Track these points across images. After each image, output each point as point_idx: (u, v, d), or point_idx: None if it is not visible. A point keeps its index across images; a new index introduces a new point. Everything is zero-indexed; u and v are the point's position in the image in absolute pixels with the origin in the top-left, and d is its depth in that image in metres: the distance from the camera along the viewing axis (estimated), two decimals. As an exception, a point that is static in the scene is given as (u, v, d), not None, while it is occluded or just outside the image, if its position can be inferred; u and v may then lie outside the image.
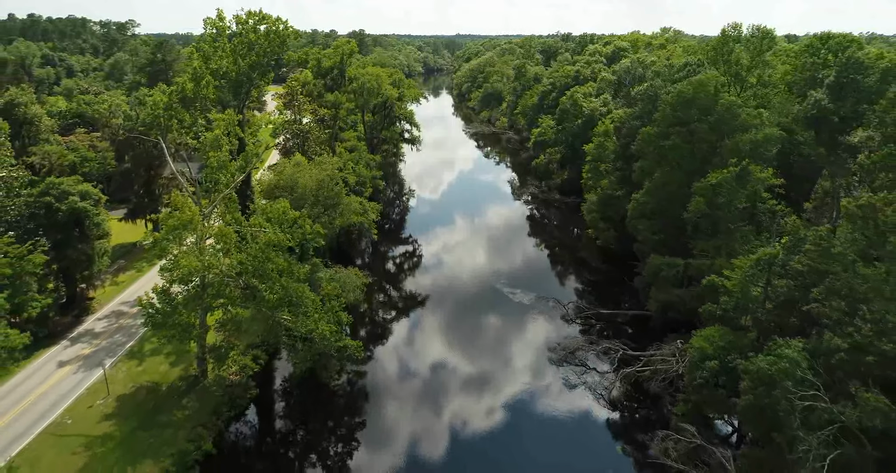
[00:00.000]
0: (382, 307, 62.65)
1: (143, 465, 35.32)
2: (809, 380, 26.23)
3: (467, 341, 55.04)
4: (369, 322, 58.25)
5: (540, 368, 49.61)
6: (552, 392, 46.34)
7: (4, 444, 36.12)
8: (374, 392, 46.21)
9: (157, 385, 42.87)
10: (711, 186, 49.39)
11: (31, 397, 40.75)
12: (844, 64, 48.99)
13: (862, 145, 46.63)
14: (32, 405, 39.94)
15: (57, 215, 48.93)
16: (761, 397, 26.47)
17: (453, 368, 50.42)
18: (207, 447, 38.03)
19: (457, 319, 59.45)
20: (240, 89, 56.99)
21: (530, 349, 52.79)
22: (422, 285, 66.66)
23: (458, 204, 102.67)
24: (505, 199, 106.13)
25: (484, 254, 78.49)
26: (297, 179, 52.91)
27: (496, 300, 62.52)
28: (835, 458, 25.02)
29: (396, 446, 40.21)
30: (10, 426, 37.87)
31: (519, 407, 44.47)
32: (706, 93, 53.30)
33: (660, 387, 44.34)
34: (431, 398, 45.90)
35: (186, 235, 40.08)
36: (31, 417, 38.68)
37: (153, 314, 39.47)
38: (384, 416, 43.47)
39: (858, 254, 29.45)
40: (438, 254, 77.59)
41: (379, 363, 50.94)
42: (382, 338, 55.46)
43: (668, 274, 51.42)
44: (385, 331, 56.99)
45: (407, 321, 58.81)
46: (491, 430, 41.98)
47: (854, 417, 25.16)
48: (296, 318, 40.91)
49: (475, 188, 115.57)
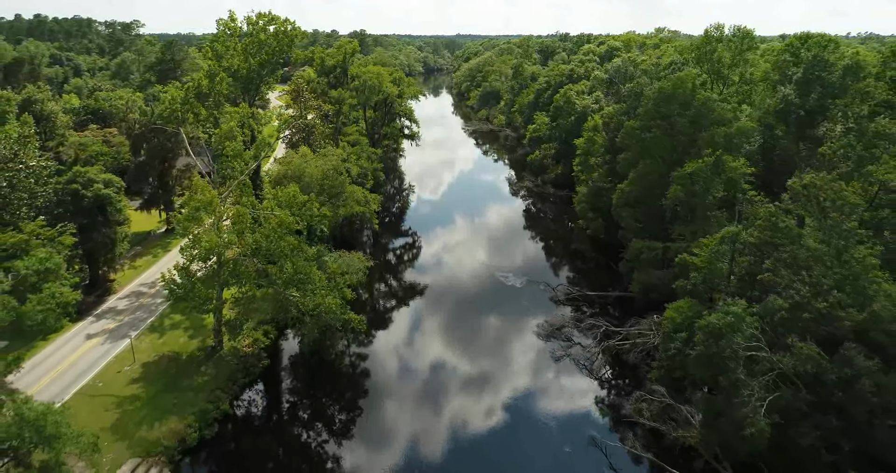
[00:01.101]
0: (383, 292, 66.70)
1: (168, 421, 39.32)
2: (753, 333, 30.21)
3: (462, 321, 59.05)
4: (370, 309, 62.15)
5: (528, 342, 53.64)
6: (539, 364, 50.39)
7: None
8: (375, 368, 50.14)
9: (178, 355, 46.92)
10: (688, 174, 53.32)
11: (63, 364, 44.75)
12: (811, 61, 52.92)
13: (825, 137, 50.60)
14: (65, 371, 43.94)
15: (83, 202, 52.99)
16: (711, 347, 30.42)
17: (448, 343, 54.46)
18: (225, 407, 42.09)
19: (453, 302, 63.40)
20: (250, 85, 61.02)
21: (520, 327, 56.80)
22: (421, 273, 70.68)
23: (456, 199, 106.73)
24: (501, 193, 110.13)
25: (480, 245, 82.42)
26: (304, 169, 56.92)
27: (490, 285, 66.54)
28: (773, 400, 28.98)
29: (394, 411, 44.25)
30: (47, 388, 41.85)
31: (507, 377, 48.53)
32: (684, 89, 57.24)
33: (638, 358, 48.36)
34: (427, 369, 49.98)
35: (205, 217, 44.15)
36: (65, 381, 42.68)
37: (175, 289, 43.60)
38: (383, 387, 47.47)
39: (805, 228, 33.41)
40: (437, 245, 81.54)
41: (379, 342, 54.89)
42: (383, 320, 59.49)
43: (648, 257, 55.42)
44: (386, 314, 61.05)
45: (406, 305, 62.78)
46: (479, 394, 46.00)
47: (790, 365, 29.13)
48: (304, 295, 44.89)
49: (473, 184, 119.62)
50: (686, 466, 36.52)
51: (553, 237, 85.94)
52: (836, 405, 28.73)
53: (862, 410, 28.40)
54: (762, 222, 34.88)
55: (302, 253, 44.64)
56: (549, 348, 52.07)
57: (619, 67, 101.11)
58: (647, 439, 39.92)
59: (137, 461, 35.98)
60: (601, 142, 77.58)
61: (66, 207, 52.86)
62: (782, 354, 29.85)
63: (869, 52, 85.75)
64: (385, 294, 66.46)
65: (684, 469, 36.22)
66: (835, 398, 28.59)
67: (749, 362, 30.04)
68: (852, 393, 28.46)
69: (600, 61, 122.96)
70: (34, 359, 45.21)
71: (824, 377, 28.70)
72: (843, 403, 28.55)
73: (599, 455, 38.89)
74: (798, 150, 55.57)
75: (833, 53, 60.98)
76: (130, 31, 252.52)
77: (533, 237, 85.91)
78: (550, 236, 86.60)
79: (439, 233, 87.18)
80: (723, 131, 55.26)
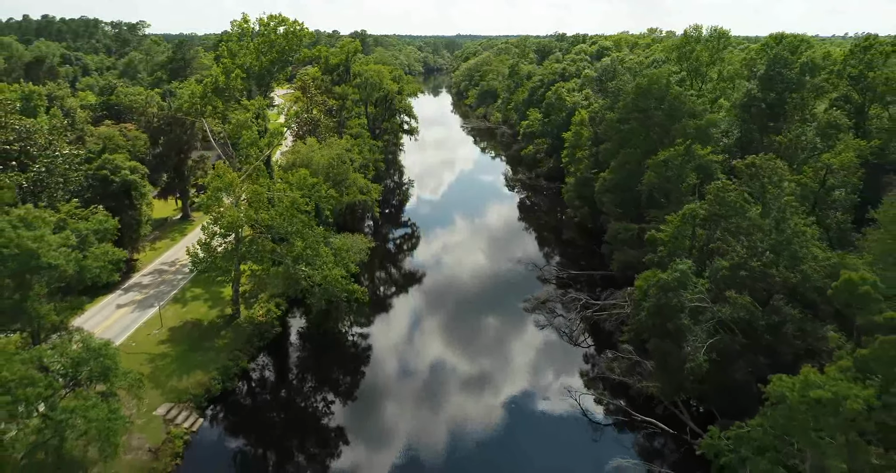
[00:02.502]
0: (383, 275, 72.09)
1: (195, 375, 44.71)
2: (698, 288, 35.51)
3: (455, 299, 64.39)
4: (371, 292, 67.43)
5: (515, 314, 59.00)
6: (524, 332, 55.78)
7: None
8: (374, 339, 55.37)
9: (200, 322, 52.30)
10: (662, 161, 58.62)
11: (98, 328, 50.05)
12: (772, 59, 58.23)
13: (783, 128, 55.95)
14: (101, 334, 48.92)
15: (111, 186, 58.36)
16: (661, 299, 35.68)
17: (441, 316, 59.92)
18: (244, 364, 47.55)
19: (448, 284, 68.66)
20: (262, 81, 66.33)
21: (509, 302, 62.11)
22: (418, 259, 76.11)
23: (454, 192, 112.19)
24: (497, 186, 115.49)
25: (476, 234, 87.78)
26: (311, 157, 62.27)
27: (484, 269, 72.08)
28: (713, 343, 34.32)
29: (390, 374, 49.65)
30: (86, 348, 47.19)
31: (494, 343, 54.00)
32: (659, 85, 62.55)
33: (613, 325, 53.64)
34: (421, 338, 55.41)
35: (225, 199, 49.51)
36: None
37: (198, 262, 49.03)
38: (381, 354, 52.87)
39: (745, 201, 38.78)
40: (434, 234, 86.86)
41: (379, 318, 60.30)
42: (382, 300, 64.88)
43: (625, 237, 60.75)
44: (385, 294, 66.45)
45: (404, 285, 68.17)
46: (466, 358, 51.42)
47: (728, 313, 34.47)
48: (313, 269, 50.17)
49: (470, 178, 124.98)
50: (649, 411, 41.84)
51: (544, 226, 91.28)
52: (766, 347, 34.03)
53: (787, 351, 33.73)
54: (711, 196, 40.21)
55: (311, 230, 49.98)
56: (535, 319, 57.44)
57: (608, 65, 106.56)
58: (616, 391, 45.27)
59: (170, 405, 41.40)
60: (587, 135, 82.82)
61: (97, 191, 58.20)
62: (722, 305, 35.20)
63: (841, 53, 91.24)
64: (384, 277, 71.81)
65: (647, 413, 41.57)
66: (764, 341, 33.89)
67: (694, 312, 35.37)
68: (779, 337, 33.79)
69: (591, 60, 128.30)
70: (72, 325, 50.52)
71: (756, 323, 34.04)
72: (771, 345, 33.86)
73: (574, 403, 44.22)
74: (761, 139, 60.93)
75: (805, 53, 66.69)
76: (136, 32, 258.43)
77: (526, 227, 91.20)
78: (542, 224, 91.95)
79: (437, 223, 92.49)
80: (694, 123, 60.61)
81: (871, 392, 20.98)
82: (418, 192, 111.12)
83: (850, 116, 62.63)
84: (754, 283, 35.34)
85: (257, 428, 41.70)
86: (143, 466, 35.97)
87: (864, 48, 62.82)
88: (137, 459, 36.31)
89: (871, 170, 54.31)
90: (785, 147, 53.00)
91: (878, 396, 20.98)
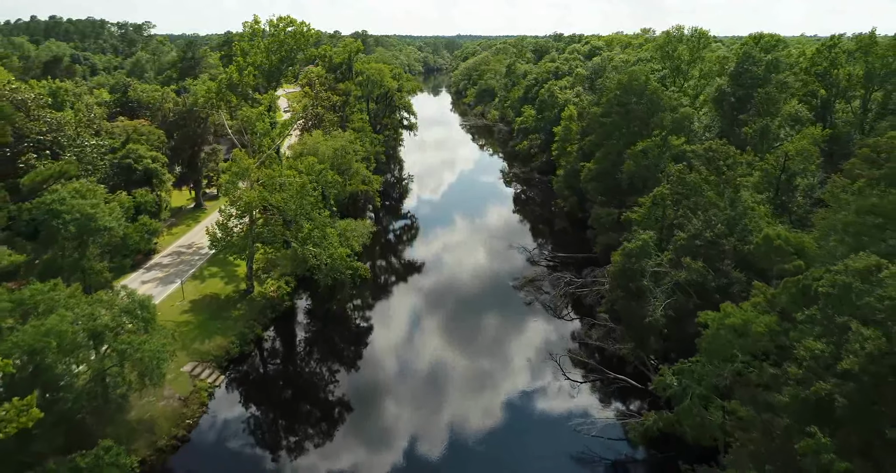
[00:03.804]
0: (384, 260, 77.32)
1: (215, 339, 49.95)
2: (662, 257, 40.66)
3: (451, 280, 69.65)
4: (373, 274, 72.77)
5: (505, 291, 64.25)
6: (513, 306, 61.02)
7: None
8: (374, 316, 60.68)
9: (218, 295, 57.54)
10: (640, 151, 63.85)
11: (126, 301, 55.30)
12: (741, 57, 63.41)
13: (749, 120, 61.10)
14: (129, 305, 54.51)
15: (134, 174, 63.62)
16: (626, 263, 40.84)
17: (436, 294, 65.17)
18: (258, 331, 52.83)
19: (444, 268, 73.93)
20: (272, 77, 71.59)
21: (500, 281, 67.37)
22: (417, 246, 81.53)
23: (452, 186, 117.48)
24: (492, 180, 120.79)
25: (471, 224, 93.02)
26: (317, 147, 67.45)
27: (478, 253, 77.32)
28: (671, 302, 39.50)
29: (391, 348, 54.92)
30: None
31: (485, 315, 59.26)
32: (638, 81, 67.75)
33: (593, 300, 58.73)
34: (417, 313, 60.69)
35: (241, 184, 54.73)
36: (130, 312, 53.26)
37: (216, 241, 54.25)
38: (382, 328, 58.16)
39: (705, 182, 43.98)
40: (432, 225, 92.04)
41: (379, 300, 65.59)
42: (384, 282, 70.10)
43: (607, 221, 65.96)
44: (386, 277, 71.68)
45: (404, 270, 73.49)
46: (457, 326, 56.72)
47: (684, 277, 39.64)
48: (320, 249, 55.35)
49: (467, 173, 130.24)
50: (620, 370, 46.97)
51: (537, 216, 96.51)
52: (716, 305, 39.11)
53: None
54: (674, 177, 45.40)
55: (319, 212, 55.18)
56: (523, 295, 62.66)
57: (598, 64, 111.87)
58: (593, 353, 50.45)
59: (195, 363, 46.65)
60: (576, 130, 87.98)
61: (121, 178, 63.45)
62: (679, 270, 40.38)
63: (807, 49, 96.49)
64: (385, 261, 77.06)
65: (619, 372, 46.71)
66: (714, 299, 38.97)
67: (655, 276, 40.55)
68: (727, 297, 38.90)
69: (583, 59, 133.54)
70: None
71: (707, 285, 39.19)
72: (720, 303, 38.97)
73: (555, 365, 49.39)
74: (733, 131, 66.09)
75: (779, 52, 71.96)
76: (142, 32, 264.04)
77: (521, 219, 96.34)
78: (534, 214, 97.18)
79: (435, 215, 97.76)
80: (670, 116, 65.83)
81: (774, 319, 26.03)
82: (417, 186, 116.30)
83: (815, 110, 68.04)
84: (707, 251, 40.51)
85: (270, 385, 47.04)
86: (175, 411, 41.21)
87: (829, 47, 68.12)
88: (169, 406, 41.54)
89: (834, 158, 59.62)
90: (751, 138, 58.18)
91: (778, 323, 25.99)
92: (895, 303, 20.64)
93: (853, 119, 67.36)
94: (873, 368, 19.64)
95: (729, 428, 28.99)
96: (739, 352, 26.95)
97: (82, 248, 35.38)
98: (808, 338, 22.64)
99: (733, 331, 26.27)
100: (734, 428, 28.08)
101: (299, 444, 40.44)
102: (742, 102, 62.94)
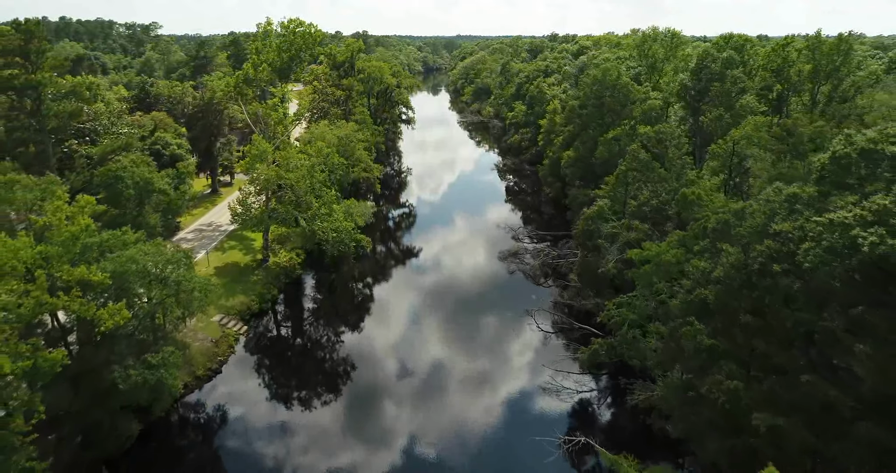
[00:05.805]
0: (382, 242, 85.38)
1: (238, 298, 57.99)
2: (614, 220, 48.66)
3: (444, 257, 77.76)
4: (372, 253, 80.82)
5: (490, 262, 72.30)
6: (497, 275, 69.05)
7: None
8: (376, 292, 68.79)
9: (238, 264, 65.60)
10: (611, 139, 71.84)
11: (158, 268, 63.30)
12: (701, 55, 71.38)
13: (706, 110, 69.03)
14: (161, 271, 62.50)
15: (163, 158, 71.57)
16: (588, 225, 48.86)
17: (430, 267, 73.24)
18: (275, 293, 60.92)
19: (438, 247, 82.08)
20: (283, 74, 79.55)
21: (486, 255, 75.40)
22: (414, 230, 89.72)
23: (448, 178, 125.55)
24: (487, 172, 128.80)
25: (466, 211, 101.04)
26: (324, 135, 75.48)
27: (471, 234, 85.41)
28: (621, 258, 47.51)
29: (391, 315, 62.98)
30: (151, 280, 60.44)
31: (472, 284, 67.39)
32: (611, 76, 75.74)
33: (568, 269, 66.83)
34: (415, 283, 68.80)
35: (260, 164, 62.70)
36: (162, 276, 61.28)
37: (237, 216, 62.28)
38: (382, 298, 66.20)
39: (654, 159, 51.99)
40: (429, 212, 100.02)
41: (381, 279, 73.61)
42: (384, 259, 78.12)
43: (582, 200, 73.96)
44: (387, 254, 79.70)
45: (403, 249, 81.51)
46: (447, 291, 64.78)
47: (633, 236, 47.66)
48: (327, 223, 63.30)
49: (463, 166, 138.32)
50: (587, 322, 54.96)
51: (526, 203, 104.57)
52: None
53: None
54: (630, 156, 53.40)
55: (327, 190, 63.20)
56: (506, 266, 70.72)
57: (584, 62, 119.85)
58: (563, 309, 58.46)
59: (223, 315, 54.70)
60: (560, 121, 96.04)
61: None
62: (630, 232, 48.39)
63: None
64: (383, 243, 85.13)
65: (585, 324, 54.72)
66: (658, 255, 47.00)
67: (610, 236, 48.57)
68: (669, 252, 46.88)
69: (572, 58, 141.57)
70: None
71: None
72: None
73: (531, 320, 57.39)
74: (696, 120, 74.07)
75: (749, 51, 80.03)
76: (149, 33, 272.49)
77: (512, 208, 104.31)
78: (524, 201, 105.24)
79: (431, 204, 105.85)
80: (638, 108, 73.83)
81: (680, 252, 33.88)
82: (415, 178, 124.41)
83: (772, 103, 76.05)
84: (655, 215, 48.53)
85: (286, 336, 55.07)
86: (208, 350, 49.24)
87: (782, 46, 76.13)
88: (203, 346, 49.56)
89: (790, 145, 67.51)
90: (707, 126, 66.16)
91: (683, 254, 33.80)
92: (754, 229, 28.58)
93: (804, 110, 75.27)
94: (733, 272, 27.56)
95: (654, 347, 37.00)
96: (657, 279, 34.86)
97: (140, 206, 43.22)
98: (698, 260, 30.56)
99: (656, 266, 34.15)
100: (658, 345, 36.08)
101: (309, 380, 48.54)
102: (701, 94, 70.86)
